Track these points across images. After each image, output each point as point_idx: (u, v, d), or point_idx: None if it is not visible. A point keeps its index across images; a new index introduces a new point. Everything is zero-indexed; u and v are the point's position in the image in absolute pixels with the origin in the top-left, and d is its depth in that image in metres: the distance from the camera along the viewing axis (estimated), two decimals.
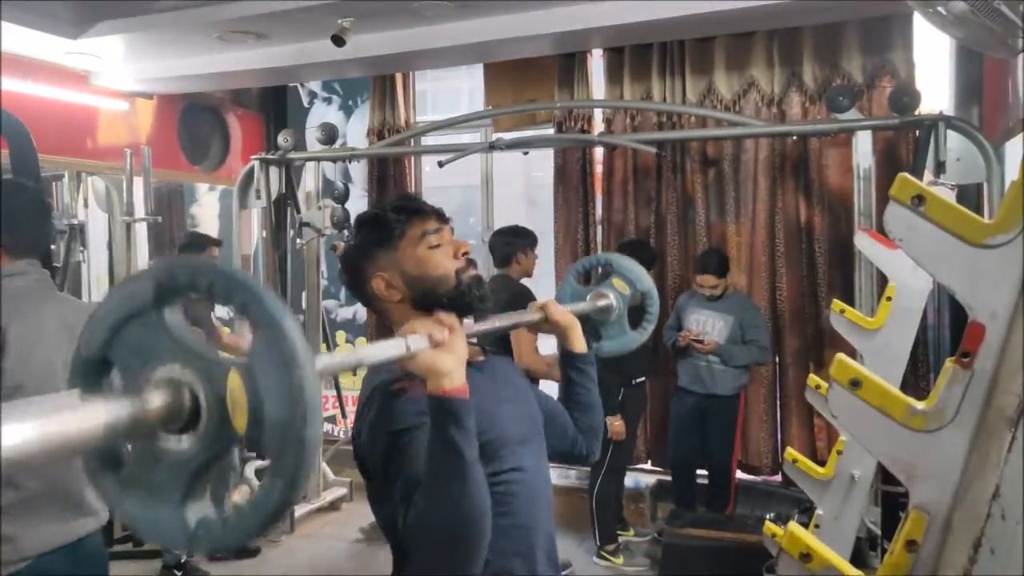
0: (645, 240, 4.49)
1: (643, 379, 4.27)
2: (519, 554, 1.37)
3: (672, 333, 4.24)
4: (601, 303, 1.76)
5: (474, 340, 1.48)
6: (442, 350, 1.12)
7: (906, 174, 0.86)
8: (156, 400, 0.73)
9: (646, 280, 1.79)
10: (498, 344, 3.30)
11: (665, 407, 4.63)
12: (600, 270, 2.17)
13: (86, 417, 0.67)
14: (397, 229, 1.39)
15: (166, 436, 0.76)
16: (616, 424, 3.96)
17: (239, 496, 4.48)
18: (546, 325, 1.58)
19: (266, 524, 0.75)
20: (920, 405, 0.87)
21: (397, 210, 1.41)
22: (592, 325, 1.79)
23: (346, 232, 4.69)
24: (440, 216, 1.43)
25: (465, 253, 1.42)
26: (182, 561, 3.92)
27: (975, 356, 0.84)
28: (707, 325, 4.14)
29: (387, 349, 1.08)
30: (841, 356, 0.93)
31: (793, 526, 0.94)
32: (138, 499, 0.78)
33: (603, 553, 4.08)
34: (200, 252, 4.06)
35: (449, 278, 1.39)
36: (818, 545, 0.92)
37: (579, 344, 1.61)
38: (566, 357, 1.63)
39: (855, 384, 0.90)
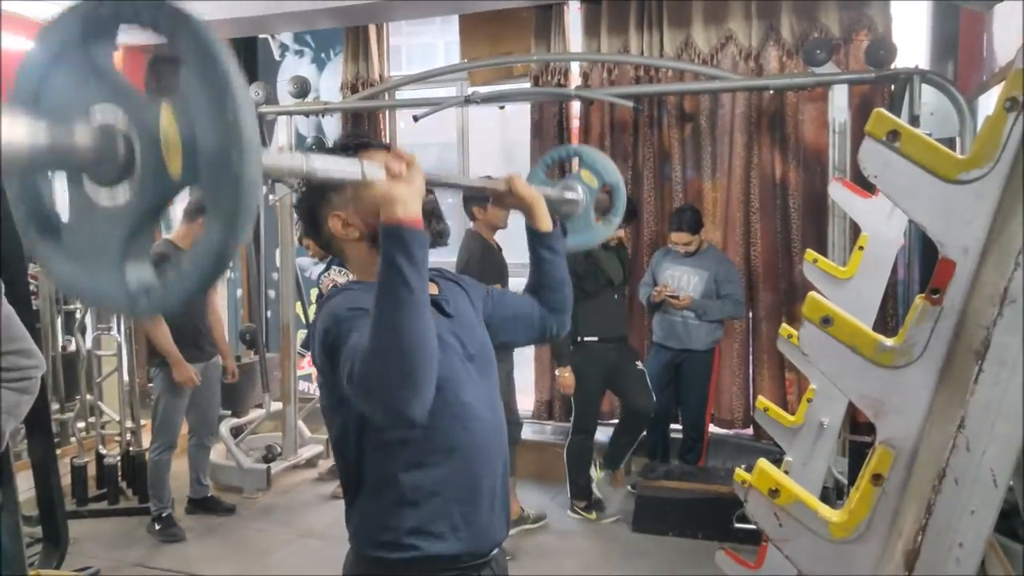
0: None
1: (594, 338, 4.03)
2: (459, 499, 1.37)
3: (647, 289, 4.27)
4: (568, 194, 1.74)
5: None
6: (398, 180, 1.10)
7: (882, 109, 0.86)
8: (88, 133, 0.67)
9: (613, 172, 1.76)
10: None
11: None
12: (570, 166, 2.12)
13: (12, 131, 0.62)
14: None
15: (100, 189, 0.70)
16: (566, 376, 3.97)
17: (216, 454, 4.48)
18: (510, 198, 1.56)
19: (207, 277, 0.70)
20: (889, 342, 0.88)
21: (344, 147, 1.37)
22: (559, 218, 1.78)
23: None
24: (388, 149, 1.40)
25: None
26: (163, 515, 3.92)
27: (944, 292, 0.84)
28: (682, 281, 4.17)
29: (341, 165, 1.03)
30: (813, 294, 0.93)
31: (763, 462, 0.95)
32: (77, 264, 0.73)
33: (575, 508, 4.13)
34: (194, 221, 3.94)
35: None
36: (786, 481, 0.93)
37: (544, 221, 1.59)
38: (532, 235, 1.61)
39: (826, 322, 0.90)
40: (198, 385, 3.90)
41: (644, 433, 4.20)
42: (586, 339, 4.03)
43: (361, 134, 1.44)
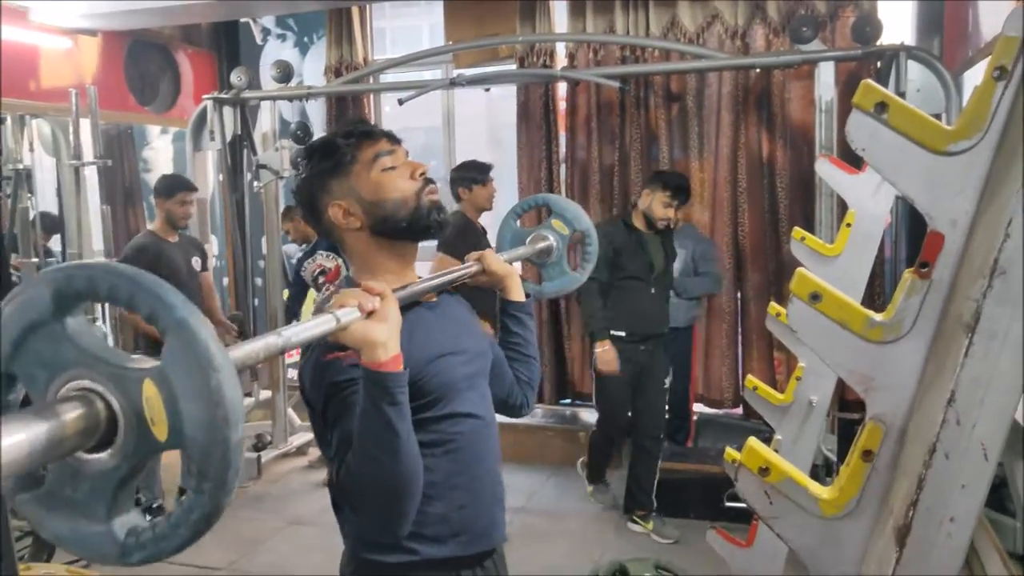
0: (679, 171, 4.28)
1: (621, 333, 3.63)
2: (458, 500, 1.37)
3: None
4: (540, 245, 1.75)
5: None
6: (374, 319, 1.09)
7: (870, 80, 0.84)
8: (71, 416, 0.69)
9: (584, 219, 1.78)
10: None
11: None
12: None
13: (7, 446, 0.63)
14: (348, 154, 1.34)
15: (84, 455, 0.72)
16: (605, 349, 3.55)
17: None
18: (483, 276, 1.55)
19: (199, 531, 0.73)
20: (878, 317, 0.87)
21: (346, 135, 1.36)
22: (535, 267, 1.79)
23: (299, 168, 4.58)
24: (391, 137, 1.38)
25: (422, 174, 1.38)
26: (154, 506, 3.90)
27: (933, 266, 0.83)
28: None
29: (316, 326, 1.03)
30: (801, 270, 0.92)
31: (752, 441, 0.94)
32: (62, 517, 0.75)
33: (589, 489, 4.07)
34: (172, 197, 3.91)
35: (407, 200, 1.35)
36: (776, 459, 0.92)
37: (517, 293, 1.59)
38: (504, 305, 1.60)
39: (815, 298, 0.89)
40: None
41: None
42: (613, 333, 3.60)
43: (363, 122, 1.42)
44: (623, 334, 3.64)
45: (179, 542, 0.74)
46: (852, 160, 2.57)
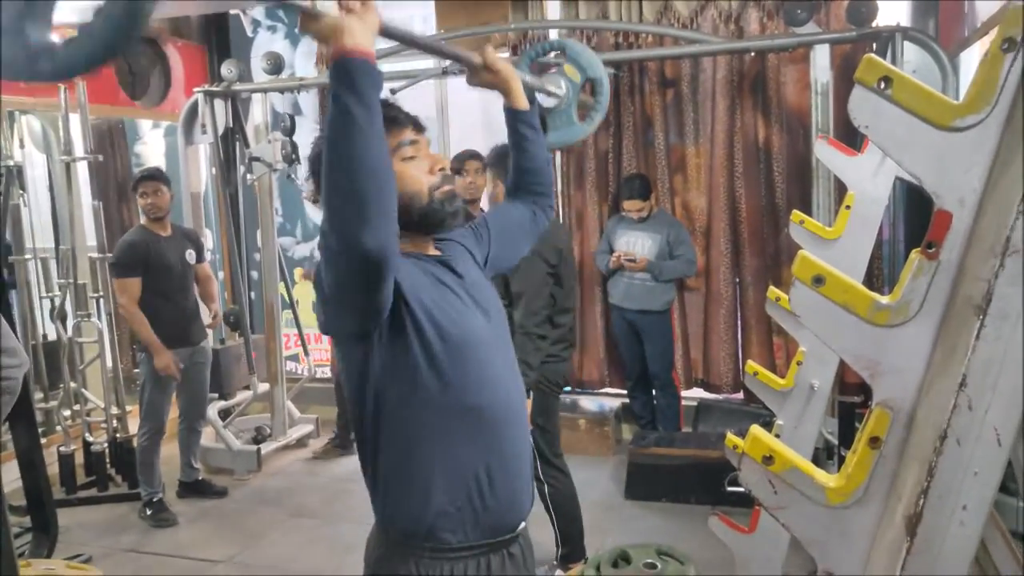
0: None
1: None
2: (494, 450, 1.33)
3: (604, 257, 4.38)
4: (550, 85, 1.70)
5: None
6: (350, 15, 1.06)
7: (872, 55, 0.82)
8: None
9: (597, 66, 1.72)
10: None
11: (607, 333, 4.73)
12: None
13: None
14: None
15: None
16: None
17: (206, 437, 4.44)
18: (485, 72, 1.52)
19: (116, 36, 0.64)
20: (884, 300, 0.85)
21: None
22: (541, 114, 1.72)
23: (296, 165, 4.54)
24: (417, 125, 1.35)
25: (442, 169, 1.35)
26: (154, 500, 3.89)
27: (941, 246, 0.81)
28: (637, 245, 4.30)
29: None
30: (804, 253, 0.89)
31: (756, 429, 0.92)
32: None
33: None
34: (135, 192, 3.87)
35: (422, 195, 1.33)
36: (780, 447, 0.90)
37: (520, 100, 1.57)
38: (510, 115, 1.58)
39: (818, 281, 0.86)
40: (183, 371, 3.86)
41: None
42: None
43: (389, 105, 1.37)
44: None
45: (92, 50, 0.65)
46: (850, 143, 2.55)
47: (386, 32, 1.13)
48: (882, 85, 0.80)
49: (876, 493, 0.84)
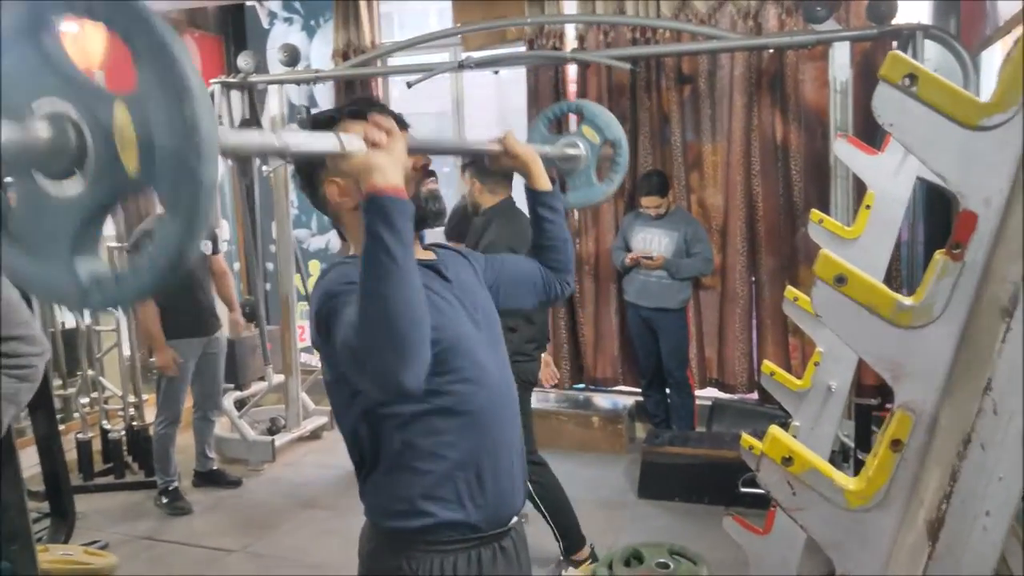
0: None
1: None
2: (485, 449, 1.35)
3: (620, 253, 4.35)
4: (570, 150, 1.69)
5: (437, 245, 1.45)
6: (378, 150, 1.07)
7: (897, 51, 0.80)
8: (38, 129, 0.64)
9: (616, 128, 1.72)
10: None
11: (622, 331, 4.71)
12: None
13: None
14: None
15: (50, 181, 0.67)
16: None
17: (221, 427, 4.47)
18: (505, 158, 1.53)
19: (161, 274, 0.68)
20: (907, 301, 0.84)
21: (354, 113, 1.32)
22: (559, 175, 1.73)
23: None
24: (399, 122, 1.34)
25: (424, 166, 1.35)
26: (170, 488, 3.93)
27: (966, 247, 0.79)
28: (653, 243, 4.26)
29: (318, 140, 0.99)
30: (826, 252, 0.88)
31: (775, 429, 0.91)
32: (26, 253, 0.71)
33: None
34: None
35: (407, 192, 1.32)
36: (800, 448, 0.89)
37: (542, 181, 1.57)
38: (531, 195, 1.58)
39: (840, 280, 0.85)
40: (198, 361, 3.89)
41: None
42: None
43: (370, 101, 1.38)
44: None
45: (140, 286, 0.70)
46: (868, 141, 2.52)
47: (413, 150, 1.15)
48: (907, 82, 0.79)
49: (897, 497, 0.83)
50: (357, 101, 1.37)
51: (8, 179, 0.71)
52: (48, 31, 0.68)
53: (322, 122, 1.34)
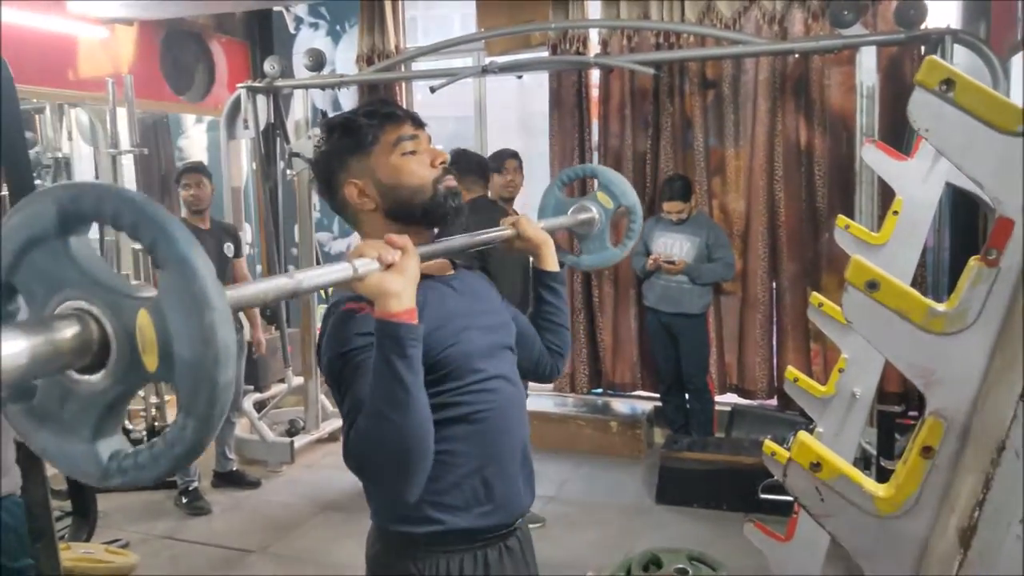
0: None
1: None
2: (493, 455, 1.35)
3: (640, 259, 4.32)
4: (582, 216, 1.72)
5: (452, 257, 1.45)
6: (392, 271, 1.09)
7: (935, 56, 0.80)
8: (66, 333, 0.69)
9: (631, 195, 1.74)
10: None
11: (640, 336, 4.69)
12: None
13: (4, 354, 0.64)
14: (369, 134, 1.32)
15: (76, 374, 0.73)
16: None
17: (240, 428, 4.51)
18: (519, 241, 1.53)
19: (178, 463, 0.73)
20: (940, 307, 0.83)
21: (370, 114, 1.33)
22: (573, 237, 1.75)
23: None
24: (415, 121, 1.35)
25: (443, 162, 1.36)
26: (190, 488, 3.96)
27: (1002, 253, 0.79)
28: (675, 247, 4.24)
29: (331, 272, 1.02)
30: (857, 258, 0.88)
31: (803, 435, 0.91)
32: (50, 433, 0.76)
33: None
34: (177, 183, 3.95)
35: (425, 188, 1.33)
36: (829, 454, 0.88)
37: (551, 262, 1.58)
38: (537, 275, 1.59)
39: (872, 286, 0.85)
40: None
41: None
42: None
43: (387, 103, 1.39)
44: None
45: (158, 472, 0.74)
46: (895, 146, 2.50)
47: (426, 256, 1.20)
48: (944, 88, 0.78)
49: (928, 504, 0.82)
50: (373, 102, 1.38)
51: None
52: (77, 233, 0.74)
53: (336, 126, 1.35)
